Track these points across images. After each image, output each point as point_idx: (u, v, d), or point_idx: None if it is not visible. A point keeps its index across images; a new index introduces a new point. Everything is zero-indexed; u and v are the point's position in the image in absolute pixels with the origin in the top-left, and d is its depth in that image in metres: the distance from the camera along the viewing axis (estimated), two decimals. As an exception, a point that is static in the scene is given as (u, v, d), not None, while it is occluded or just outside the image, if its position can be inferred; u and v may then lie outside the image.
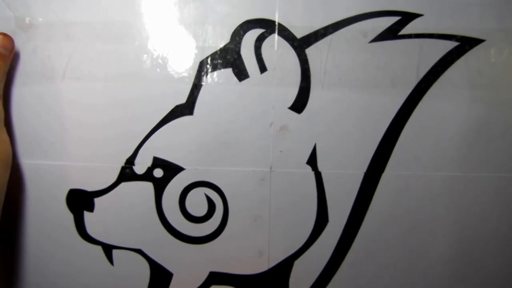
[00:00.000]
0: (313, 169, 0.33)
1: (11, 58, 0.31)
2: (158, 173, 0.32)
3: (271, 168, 0.33)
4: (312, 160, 0.33)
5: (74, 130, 0.32)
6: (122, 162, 0.32)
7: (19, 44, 0.31)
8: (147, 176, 0.32)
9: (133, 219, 0.32)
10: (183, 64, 0.32)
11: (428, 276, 0.34)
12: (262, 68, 0.32)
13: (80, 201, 0.32)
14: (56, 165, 0.32)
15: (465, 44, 0.33)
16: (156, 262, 0.33)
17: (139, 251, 0.33)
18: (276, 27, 0.32)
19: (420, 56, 0.33)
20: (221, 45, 0.32)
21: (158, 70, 0.32)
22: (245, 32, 0.32)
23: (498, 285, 0.34)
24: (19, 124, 0.32)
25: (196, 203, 0.33)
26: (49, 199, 0.32)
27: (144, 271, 0.33)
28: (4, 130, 0.30)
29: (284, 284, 0.34)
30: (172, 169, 0.32)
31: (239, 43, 0.32)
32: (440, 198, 0.34)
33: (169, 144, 0.32)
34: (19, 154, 0.32)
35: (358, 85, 0.33)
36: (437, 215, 0.34)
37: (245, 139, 0.32)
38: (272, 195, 0.33)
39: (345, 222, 0.33)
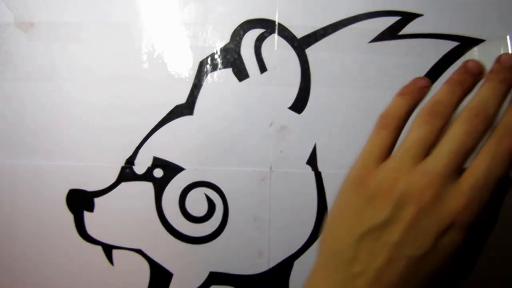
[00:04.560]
0: (313, 169, 0.33)
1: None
2: (158, 173, 0.32)
3: (271, 168, 0.33)
4: (312, 160, 0.33)
5: (74, 130, 0.32)
6: (122, 162, 0.32)
7: (19, 44, 0.31)
8: (147, 176, 0.32)
9: (133, 219, 0.32)
10: (183, 64, 0.32)
11: (428, 276, 0.34)
12: (262, 68, 0.32)
13: (80, 201, 0.32)
14: (56, 165, 0.32)
15: (465, 44, 0.33)
16: (156, 262, 0.33)
17: (139, 251, 0.33)
18: (276, 27, 0.32)
19: (420, 56, 0.33)
20: (221, 45, 0.32)
21: (158, 70, 0.32)
22: (245, 32, 0.32)
23: (498, 285, 0.34)
24: (19, 124, 0.32)
25: (196, 203, 0.33)
26: (49, 199, 0.32)
27: (144, 271, 0.33)
28: None
29: (284, 284, 0.34)
30: (172, 169, 0.32)
31: (239, 43, 0.32)
32: (440, 198, 0.34)
33: (169, 144, 0.32)
34: (19, 154, 0.32)
35: (358, 85, 0.33)
36: (437, 215, 0.34)
37: (245, 139, 0.32)
38: (272, 195, 0.33)
39: (345, 222, 0.33)
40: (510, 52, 0.33)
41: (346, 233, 0.19)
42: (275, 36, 0.32)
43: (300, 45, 0.32)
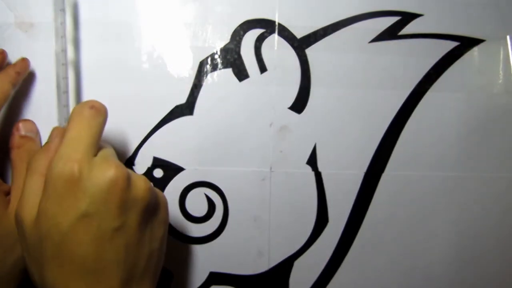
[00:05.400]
0: (313, 169, 0.33)
1: None
2: (158, 173, 0.32)
3: (271, 168, 0.33)
4: (312, 160, 0.33)
5: (74, 130, 0.32)
6: (122, 162, 0.32)
7: (19, 44, 0.31)
8: (147, 176, 0.32)
9: (133, 219, 0.32)
10: (183, 64, 0.32)
11: (428, 276, 0.34)
12: (262, 68, 0.32)
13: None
14: (56, 165, 0.32)
15: (465, 44, 0.33)
16: (156, 262, 0.33)
17: (139, 251, 0.33)
18: (276, 27, 0.32)
19: (420, 56, 0.33)
20: (221, 45, 0.32)
21: (158, 70, 0.32)
22: (245, 32, 0.32)
23: (498, 285, 0.34)
24: (19, 124, 0.32)
25: (196, 203, 0.33)
26: (49, 199, 0.32)
27: (144, 271, 0.33)
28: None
29: (284, 284, 0.34)
30: (172, 169, 0.32)
31: (239, 43, 0.32)
32: (440, 198, 0.34)
33: (169, 144, 0.32)
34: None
35: (358, 85, 0.33)
36: (437, 215, 0.34)
37: (245, 139, 0.32)
38: (272, 195, 0.33)
39: (345, 222, 0.33)
40: (509, 52, 0.33)
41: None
42: (275, 36, 0.32)
43: (300, 45, 0.32)
